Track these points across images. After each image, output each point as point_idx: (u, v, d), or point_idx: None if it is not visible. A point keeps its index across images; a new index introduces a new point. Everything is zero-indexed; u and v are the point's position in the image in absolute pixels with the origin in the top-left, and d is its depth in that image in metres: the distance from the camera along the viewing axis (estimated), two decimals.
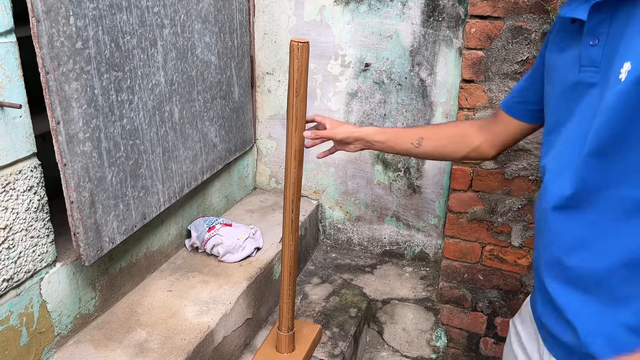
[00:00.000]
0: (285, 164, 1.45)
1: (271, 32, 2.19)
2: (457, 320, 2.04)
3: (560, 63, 0.90)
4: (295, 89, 1.35)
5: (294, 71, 1.33)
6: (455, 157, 1.28)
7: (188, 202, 1.93)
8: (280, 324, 1.65)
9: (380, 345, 2.12)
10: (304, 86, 1.36)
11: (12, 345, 1.27)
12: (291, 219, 1.50)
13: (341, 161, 2.27)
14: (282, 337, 1.65)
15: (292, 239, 1.52)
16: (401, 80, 2.06)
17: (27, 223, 1.27)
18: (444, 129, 1.29)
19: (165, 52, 1.59)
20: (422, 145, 1.26)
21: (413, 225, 2.25)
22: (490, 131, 1.19)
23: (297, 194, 1.48)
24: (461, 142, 1.23)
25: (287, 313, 1.62)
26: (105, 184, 1.42)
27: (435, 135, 1.26)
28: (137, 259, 1.69)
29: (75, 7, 1.24)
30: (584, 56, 0.83)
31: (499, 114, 1.18)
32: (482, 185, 1.84)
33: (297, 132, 1.39)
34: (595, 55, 0.81)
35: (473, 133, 1.22)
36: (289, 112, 1.38)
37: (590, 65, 0.82)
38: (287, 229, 1.51)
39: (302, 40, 1.31)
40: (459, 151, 1.24)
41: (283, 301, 1.61)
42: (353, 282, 2.16)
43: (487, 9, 1.67)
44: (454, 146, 1.24)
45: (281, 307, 1.63)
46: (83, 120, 1.31)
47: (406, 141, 1.28)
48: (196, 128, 1.83)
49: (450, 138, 1.25)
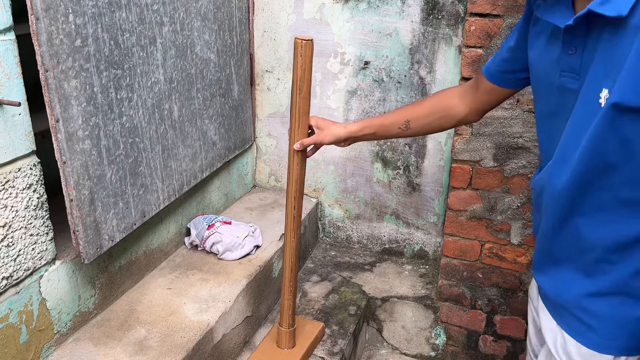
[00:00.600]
0: (287, 162, 1.45)
1: (270, 30, 2.18)
2: (457, 318, 2.04)
3: (542, 63, 0.96)
4: (299, 86, 1.35)
5: (297, 68, 1.33)
6: (443, 129, 1.32)
7: (187, 200, 1.93)
8: (281, 320, 1.66)
9: (380, 343, 2.12)
10: (308, 84, 1.36)
11: (11, 343, 1.27)
12: (293, 216, 1.50)
13: (340, 159, 2.27)
14: (282, 333, 1.66)
15: (294, 236, 1.53)
16: (400, 78, 2.06)
17: (26, 221, 1.27)
18: (426, 106, 1.30)
19: (164, 50, 1.59)
20: (410, 127, 1.29)
21: (412, 223, 2.25)
22: (475, 100, 1.23)
23: (300, 191, 1.48)
24: (448, 116, 1.27)
25: (288, 309, 1.63)
26: (105, 181, 1.42)
27: (420, 114, 1.29)
28: (136, 257, 1.69)
29: (75, 4, 1.23)
30: (564, 63, 0.88)
31: (482, 82, 1.21)
32: (482, 183, 1.84)
33: (300, 130, 1.39)
34: (574, 63, 0.86)
35: (457, 104, 1.26)
36: (292, 109, 1.38)
37: (569, 71, 0.87)
38: (289, 226, 1.52)
39: (306, 38, 1.32)
40: (447, 123, 1.29)
41: (284, 297, 1.61)
42: (352, 280, 2.17)
43: (487, 7, 1.66)
44: (441, 120, 1.28)
45: (282, 304, 1.63)
46: (82, 118, 1.31)
47: (394, 127, 1.31)
48: (195, 126, 1.82)
49: (436, 114, 1.28)
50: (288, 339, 1.67)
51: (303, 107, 1.37)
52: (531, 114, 1.72)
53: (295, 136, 1.40)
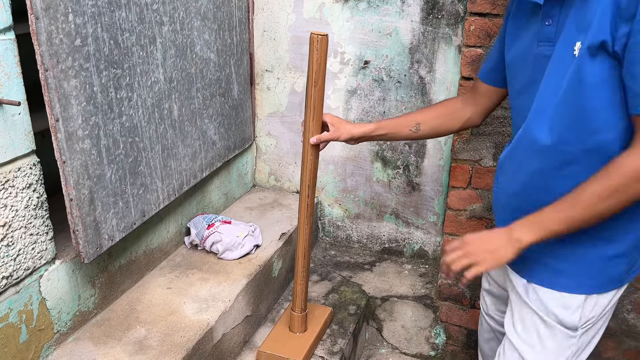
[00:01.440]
0: (302, 151, 1.49)
1: (270, 30, 2.18)
2: (456, 317, 2.04)
3: (520, 41, 1.12)
4: (314, 79, 1.39)
5: (313, 62, 1.37)
6: (450, 132, 1.42)
7: (187, 200, 1.93)
8: (294, 304, 1.70)
9: (380, 343, 2.12)
10: (322, 77, 1.41)
11: (11, 342, 1.27)
12: (307, 204, 1.54)
13: (340, 159, 2.27)
14: (295, 317, 1.71)
15: (307, 223, 1.57)
16: (400, 77, 2.06)
17: (26, 220, 1.27)
18: (434, 110, 1.41)
19: (164, 50, 1.59)
20: (420, 129, 1.39)
21: (412, 223, 2.25)
22: (475, 102, 1.36)
23: (313, 180, 1.52)
24: (454, 119, 1.38)
25: (301, 294, 1.67)
26: (105, 181, 1.42)
27: (429, 117, 1.39)
28: (136, 257, 1.69)
29: (74, 4, 1.23)
30: (541, 34, 1.05)
31: (479, 85, 1.34)
32: (481, 183, 1.84)
33: (314, 121, 1.43)
34: (550, 33, 1.03)
35: (461, 108, 1.37)
36: (307, 101, 1.42)
37: (546, 41, 1.04)
38: (303, 213, 1.56)
39: (322, 33, 1.36)
40: (453, 126, 1.39)
41: (297, 283, 1.66)
42: (352, 280, 2.17)
43: (487, 7, 1.67)
44: (448, 123, 1.39)
45: (295, 289, 1.68)
46: (82, 118, 1.31)
47: (404, 129, 1.40)
48: (195, 125, 1.82)
49: (443, 117, 1.39)
50: (301, 323, 1.72)
51: (318, 99, 1.42)
52: None
53: (310, 127, 1.44)
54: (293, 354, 1.65)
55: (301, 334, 1.74)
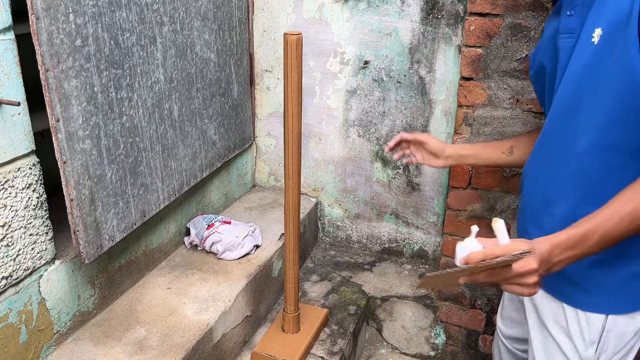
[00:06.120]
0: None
1: (270, 30, 2.18)
2: (456, 317, 2.04)
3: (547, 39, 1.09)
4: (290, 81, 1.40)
5: (287, 62, 1.39)
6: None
7: (187, 200, 1.93)
8: (286, 305, 1.70)
9: (379, 343, 2.12)
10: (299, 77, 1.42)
11: (11, 342, 1.27)
12: (292, 205, 1.54)
13: (340, 159, 2.27)
14: (287, 317, 1.71)
15: (294, 220, 1.56)
16: (400, 77, 2.06)
17: (26, 220, 1.27)
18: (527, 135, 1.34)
19: (164, 50, 1.59)
20: (514, 153, 1.33)
21: (412, 223, 2.25)
22: None
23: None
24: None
25: (292, 294, 1.67)
26: (105, 181, 1.42)
27: (522, 141, 1.32)
28: (136, 257, 1.69)
29: (75, 4, 1.23)
30: (562, 25, 1.01)
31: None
32: (481, 183, 1.84)
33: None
34: (571, 24, 0.99)
35: None
36: (285, 105, 1.43)
37: (567, 32, 1.00)
38: (290, 214, 1.55)
39: (296, 32, 1.37)
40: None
41: (288, 282, 1.65)
42: (352, 280, 2.17)
43: (487, 7, 1.67)
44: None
45: (286, 289, 1.67)
46: (83, 118, 1.31)
47: (497, 150, 1.35)
48: (195, 126, 1.82)
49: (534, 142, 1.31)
50: (293, 323, 1.72)
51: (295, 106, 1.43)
52: (530, 114, 1.72)
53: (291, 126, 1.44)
54: (286, 355, 1.64)
55: (294, 334, 1.73)
